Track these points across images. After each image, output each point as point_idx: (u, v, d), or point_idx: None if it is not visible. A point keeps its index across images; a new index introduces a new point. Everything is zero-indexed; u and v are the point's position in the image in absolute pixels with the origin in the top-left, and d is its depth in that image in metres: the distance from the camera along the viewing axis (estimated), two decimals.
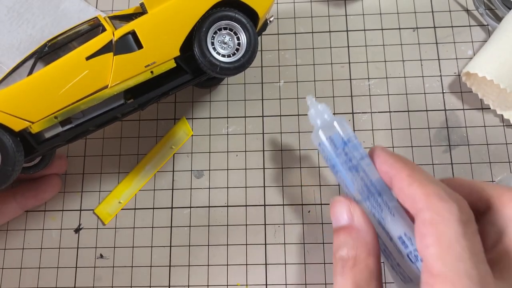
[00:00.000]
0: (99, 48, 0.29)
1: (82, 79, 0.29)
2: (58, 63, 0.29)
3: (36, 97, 0.29)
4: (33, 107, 0.29)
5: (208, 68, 0.31)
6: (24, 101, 0.29)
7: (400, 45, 0.43)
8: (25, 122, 0.29)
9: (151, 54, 0.30)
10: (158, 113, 0.43)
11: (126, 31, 0.30)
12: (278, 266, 0.39)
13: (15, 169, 0.30)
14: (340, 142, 0.31)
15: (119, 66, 0.30)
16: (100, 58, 0.29)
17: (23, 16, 0.45)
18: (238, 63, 0.31)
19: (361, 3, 0.45)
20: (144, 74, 0.30)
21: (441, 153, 0.40)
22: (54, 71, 0.29)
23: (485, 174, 0.39)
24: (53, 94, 0.29)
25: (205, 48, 0.31)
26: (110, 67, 0.29)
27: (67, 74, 0.29)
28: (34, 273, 0.40)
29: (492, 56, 0.38)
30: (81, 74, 0.29)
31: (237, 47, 0.32)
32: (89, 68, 0.29)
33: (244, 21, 0.31)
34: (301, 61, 0.43)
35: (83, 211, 0.41)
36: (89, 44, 0.30)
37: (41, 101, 0.29)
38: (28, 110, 0.29)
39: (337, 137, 0.31)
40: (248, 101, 0.43)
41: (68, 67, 0.29)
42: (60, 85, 0.29)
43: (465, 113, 0.41)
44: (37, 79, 0.29)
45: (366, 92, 0.42)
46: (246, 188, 0.40)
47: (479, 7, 0.43)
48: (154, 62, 0.30)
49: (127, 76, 0.30)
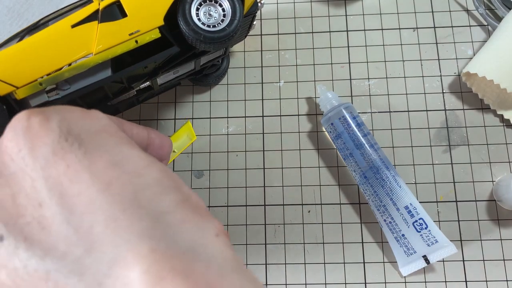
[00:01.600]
0: (85, 17, 0.30)
1: (67, 45, 0.30)
2: (44, 31, 0.30)
3: (21, 62, 0.29)
4: (18, 72, 0.29)
5: (193, 38, 0.31)
6: (9, 66, 0.29)
7: (400, 45, 0.43)
8: (10, 87, 0.29)
9: (135, 23, 0.31)
10: (158, 113, 0.43)
11: (112, 0, 0.31)
12: (278, 266, 0.39)
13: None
14: (350, 122, 0.36)
15: (104, 34, 0.30)
16: (85, 26, 0.30)
17: (23, 16, 0.45)
18: (223, 32, 0.31)
19: (361, 3, 0.45)
20: (128, 43, 0.31)
21: (441, 153, 0.40)
22: (40, 38, 0.30)
23: (485, 174, 0.39)
24: (38, 61, 0.30)
25: (188, 16, 0.31)
26: (95, 34, 0.30)
27: (52, 41, 0.30)
28: None
29: (492, 56, 0.38)
30: (66, 41, 0.30)
31: (223, 18, 0.32)
32: (74, 35, 0.30)
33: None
34: (301, 61, 0.43)
35: None
36: (75, 14, 0.30)
37: (26, 67, 0.29)
38: (13, 75, 0.29)
39: (348, 118, 0.36)
40: (248, 101, 0.43)
41: (54, 34, 0.30)
42: (45, 51, 0.30)
43: (465, 113, 0.41)
44: (23, 45, 0.30)
45: (366, 92, 0.42)
46: (246, 188, 0.40)
47: (479, 7, 0.43)
48: (138, 31, 0.31)
49: (111, 43, 0.30)
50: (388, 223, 0.36)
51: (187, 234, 0.17)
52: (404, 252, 0.35)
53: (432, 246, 0.34)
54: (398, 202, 0.35)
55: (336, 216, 0.39)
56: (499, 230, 0.38)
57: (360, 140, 0.36)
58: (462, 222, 0.38)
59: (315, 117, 0.42)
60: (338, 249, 0.38)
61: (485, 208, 0.39)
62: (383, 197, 0.35)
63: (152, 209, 0.17)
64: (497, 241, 0.38)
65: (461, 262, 0.37)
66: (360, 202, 0.39)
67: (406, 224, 0.35)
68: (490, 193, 0.39)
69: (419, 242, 0.35)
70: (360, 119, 0.38)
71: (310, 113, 0.42)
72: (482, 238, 0.38)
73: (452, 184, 0.39)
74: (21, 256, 0.16)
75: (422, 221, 0.35)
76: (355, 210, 0.39)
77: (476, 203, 0.39)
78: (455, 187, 0.39)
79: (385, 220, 0.36)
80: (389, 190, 0.35)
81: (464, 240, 0.38)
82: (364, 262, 0.38)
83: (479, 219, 0.38)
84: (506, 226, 0.38)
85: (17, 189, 0.17)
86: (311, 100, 0.42)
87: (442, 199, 0.39)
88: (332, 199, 0.40)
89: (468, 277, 0.37)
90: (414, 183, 0.39)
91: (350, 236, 0.39)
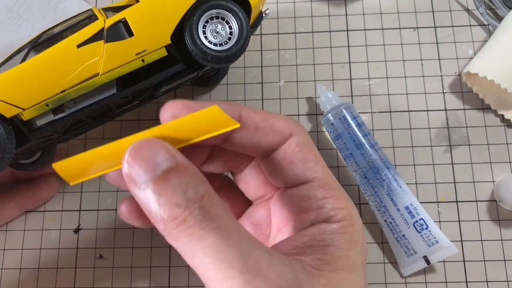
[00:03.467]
0: (90, 36, 0.30)
1: (73, 66, 0.29)
2: (49, 51, 0.29)
3: (27, 83, 0.29)
4: (24, 93, 0.29)
5: (200, 57, 0.31)
6: (15, 87, 0.29)
7: (401, 45, 0.43)
8: (16, 109, 0.29)
9: (141, 42, 0.30)
10: (158, 114, 0.43)
11: (117, 19, 0.30)
12: None
13: (5, 156, 0.29)
14: (350, 123, 0.36)
15: (110, 54, 0.30)
16: (91, 46, 0.29)
17: (22, 16, 0.44)
18: (230, 51, 0.31)
19: (361, 2, 0.44)
20: (135, 62, 0.30)
21: (441, 153, 0.40)
22: (45, 58, 0.29)
23: (486, 174, 0.39)
24: (44, 81, 0.29)
25: (196, 36, 0.31)
26: (101, 54, 0.30)
27: (58, 62, 0.29)
28: (33, 274, 0.39)
29: (492, 56, 0.38)
30: (72, 62, 0.29)
31: (230, 36, 0.32)
32: (80, 55, 0.29)
33: (236, 10, 0.31)
34: (301, 61, 0.43)
35: (82, 212, 0.41)
36: (81, 32, 0.30)
37: (32, 88, 0.29)
38: (19, 96, 0.29)
39: (348, 118, 0.36)
40: (248, 101, 0.42)
41: (59, 54, 0.29)
42: (51, 72, 0.29)
43: (465, 113, 0.41)
44: (29, 66, 0.29)
45: (366, 92, 0.42)
46: None
47: (480, 6, 0.42)
48: (145, 50, 0.30)
49: (118, 63, 0.30)
50: (389, 224, 0.36)
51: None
52: (405, 252, 0.35)
53: (433, 246, 0.34)
54: (398, 202, 0.35)
55: None
56: (499, 230, 0.38)
57: (360, 140, 0.36)
58: (462, 223, 0.38)
59: (315, 117, 0.42)
60: None
61: (486, 209, 0.38)
62: (384, 197, 0.35)
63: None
64: (498, 242, 0.38)
65: (461, 262, 0.37)
66: (360, 202, 0.39)
67: (407, 225, 0.35)
68: (490, 194, 0.39)
69: (420, 242, 0.34)
70: (361, 119, 0.38)
71: (310, 113, 0.42)
72: (482, 239, 0.38)
73: (453, 184, 0.39)
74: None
75: (422, 221, 0.35)
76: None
77: (476, 203, 0.39)
78: (455, 187, 0.39)
79: (386, 221, 0.36)
80: (390, 190, 0.35)
81: (465, 241, 0.38)
82: None
83: (479, 220, 0.38)
84: (507, 227, 0.38)
85: None
86: (311, 100, 0.42)
87: (443, 200, 0.39)
88: None
89: (469, 277, 0.37)
90: (414, 183, 0.39)
91: None
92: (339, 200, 0.26)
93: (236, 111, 0.25)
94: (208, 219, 0.21)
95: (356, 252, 0.25)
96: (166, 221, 0.21)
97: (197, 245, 0.21)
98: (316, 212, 0.26)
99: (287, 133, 0.26)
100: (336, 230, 0.25)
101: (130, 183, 0.22)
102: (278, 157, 0.26)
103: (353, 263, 0.24)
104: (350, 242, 0.25)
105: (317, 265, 0.23)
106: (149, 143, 0.22)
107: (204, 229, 0.20)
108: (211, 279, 0.20)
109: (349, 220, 0.25)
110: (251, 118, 0.25)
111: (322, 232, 0.25)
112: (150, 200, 0.21)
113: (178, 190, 0.21)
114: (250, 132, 0.25)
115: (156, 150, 0.22)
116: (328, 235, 0.24)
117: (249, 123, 0.25)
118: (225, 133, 0.24)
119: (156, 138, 0.23)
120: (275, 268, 0.20)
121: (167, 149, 0.22)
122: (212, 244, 0.20)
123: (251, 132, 0.25)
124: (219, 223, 0.21)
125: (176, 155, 0.22)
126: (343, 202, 0.26)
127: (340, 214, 0.25)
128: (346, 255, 0.24)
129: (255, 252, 0.20)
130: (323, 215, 0.25)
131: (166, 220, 0.21)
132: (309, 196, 0.26)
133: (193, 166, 0.23)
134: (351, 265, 0.24)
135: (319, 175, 0.26)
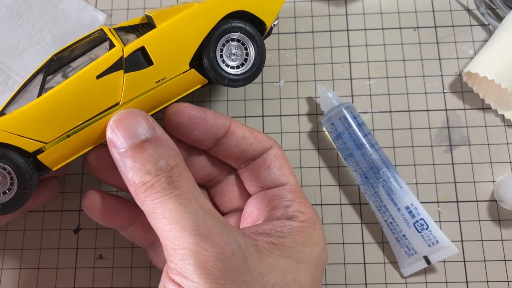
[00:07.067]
0: (109, 66, 0.29)
1: (93, 97, 0.29)
2: (68, 82, 0.29)
3: (48, 117, 0.29)
4: (46, 127, 0.29)
5: (216, 80, 0.31)
6: (36, 122, 0.29)
7: (401, 45, 0.43)
8: (39, 143, 0.29)
9: (161, 70, 0.30)
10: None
11: (136, 47, 0.30)
12: None
13: (31, 191, 0.30)
14: (350, 122, 0.37)
15: (130, 84, 0.29)
16: (111, 77, 0.29)
17: (22, 16, 0.44)
18: (245, 75, 0.32)
19: (361, 2, 0.44)
20: (154, 90, 0.31)
21: (442, 153, 0.40)
22: (64, 91, 0.29)
23: (486, 174, 0.39)
24: (65, 114, 0.29)
25: (214, 60, 0.31)
26: (121, 85, 0.29)
27: (78, 94, 0.29)
28: (33, 274, 0.39)
29: (493, 56, 0.38)
30: (92, 93, 0.29)
31: (245, 57, 0.32)
32: (100, 86, 0.29)
33: (253, 33, 0.32)
34: (301, 60, 0.43)
35: (82, 212, 0.41)
36: (99, 61, 0.29)
37: (54, 121, 0.29)
38: (41, 131, 0.29)
39: (349, 118, 0.37)
40: (248, 101, 0.42)
41: (79, 86, 0.29)
42: (72, 105, 0.29)
43: (466, 113, 0.41)
44: (48, 99, 0.29)
45: (366, 92, 0.42)
46: None
47: (480, 6, 0.42)
48: (164, 78, 0.30)
49: (138, 92, 0.30)
50: (389, 224, 0.36)
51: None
52: (405, 252, 0.35)
53: (433, 246, 0.34)
54: (399, 203, 0.35)
55: (336, 217, 0.39)
56: (500, 230, 0.38)
57: (360, 140, 0.36)
58: (463, 223, 0.38)
59: (316, 117, 0.42)
60: (339, 250, 0.38)
61: (486, 209, 0.38)
62: (384, 197, 0.35)
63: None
64: (498, 242, 0.38)
65: (462, 262, 0.37)
66: (360, 202, 0.39)
67: (407, 225, 0.35)
68: (491, 194, 0.39)
69: (420, 242, 0.35)
70: (361, 119, 0.38)
71: (311, 113, 0.42)
72: (483, 239, 0.38)
73: (453, 184, 0.39)
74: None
75: (423, 221, 0.35)
76: (356, 210, 0.39)
77: (477, 203, 0.39)
78: (456, 187, 0.39)
79: (386, 221, 0.36)
80: (390, 190, 0.35)
81: (465, 241, 0.38)
82: (364, 262, 0.38)
83: (480, 220, 0.38)
84: (507, 227, 0.38)
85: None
86: (311, 100, 0.42)
87: (443, 200, 0.39)
88: (332, 199, 0.39)
89: (469, 277, 0.37)
90: (415, 183, 0.39)
91: (350, 236, 0.38)
92: (305, 206, 0.30)
93: (227, 122, 0.30)
94: (172, 187, 0.24)
95: (310, 251, 0.28)
96: (136, 185, 0.24)
97: (159, 209, 0.23)
98: (283, 210, 0.29)
99: (268, 145, 0.31)
100: (295, 228, 0.28)
101: (111, 146, 0.26)
102: (258, 163, 0.31)
103: (303, 257, 0.27)
104: (306, 240, 0.28)
105: (269, 247, 0.26)
106: (133, 114, 0.26)
107: (167, 195, 0.23)
108: (165, 238, 0.23)
109: (311, 224, 0.29)
110: (239, 128, 0.31)
111: (283, 225, 0.28)
112: (125, 165, 0.24)
113: (151, 159, 0.24)
114: (238, 140, 0.30)
115: (137, 121, 0.26)
116: (287, 228, 0.28)
117: (238, 131, 0.31)
118: (216, 135, 0.30)
119: (140, 110, 0.26)
120: (223, 236, 0.23)
121: (148, 121, 0.26)
122: (172, 208, 0.23)
123: (239, 140, 0.30)
124: (181, 192, 0.24)
125: (156, 128, 0.26)
126: (308, 209, 0.30)
127: (303, 217, 0.29)
128: (298, 248, 0.27)
129: (208, 220, 0.24)
130: (288, 214, 0.29)
131: (137, 184, 0.24)
132: (280, 195, 0.30)
133: (170, 140, 0.26)
134: (300, 258, 0.27)
135: (292, 182, 0.31)
